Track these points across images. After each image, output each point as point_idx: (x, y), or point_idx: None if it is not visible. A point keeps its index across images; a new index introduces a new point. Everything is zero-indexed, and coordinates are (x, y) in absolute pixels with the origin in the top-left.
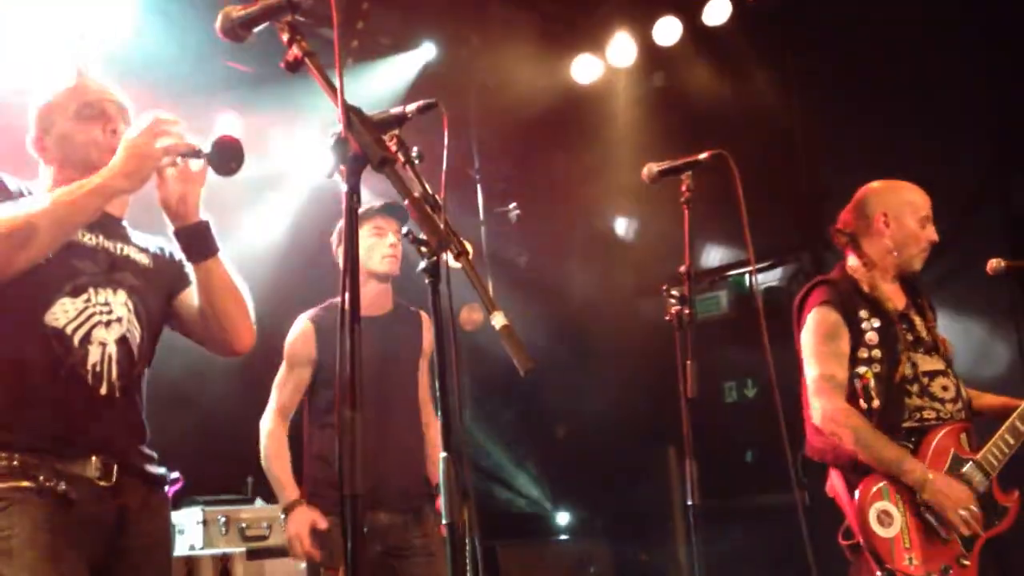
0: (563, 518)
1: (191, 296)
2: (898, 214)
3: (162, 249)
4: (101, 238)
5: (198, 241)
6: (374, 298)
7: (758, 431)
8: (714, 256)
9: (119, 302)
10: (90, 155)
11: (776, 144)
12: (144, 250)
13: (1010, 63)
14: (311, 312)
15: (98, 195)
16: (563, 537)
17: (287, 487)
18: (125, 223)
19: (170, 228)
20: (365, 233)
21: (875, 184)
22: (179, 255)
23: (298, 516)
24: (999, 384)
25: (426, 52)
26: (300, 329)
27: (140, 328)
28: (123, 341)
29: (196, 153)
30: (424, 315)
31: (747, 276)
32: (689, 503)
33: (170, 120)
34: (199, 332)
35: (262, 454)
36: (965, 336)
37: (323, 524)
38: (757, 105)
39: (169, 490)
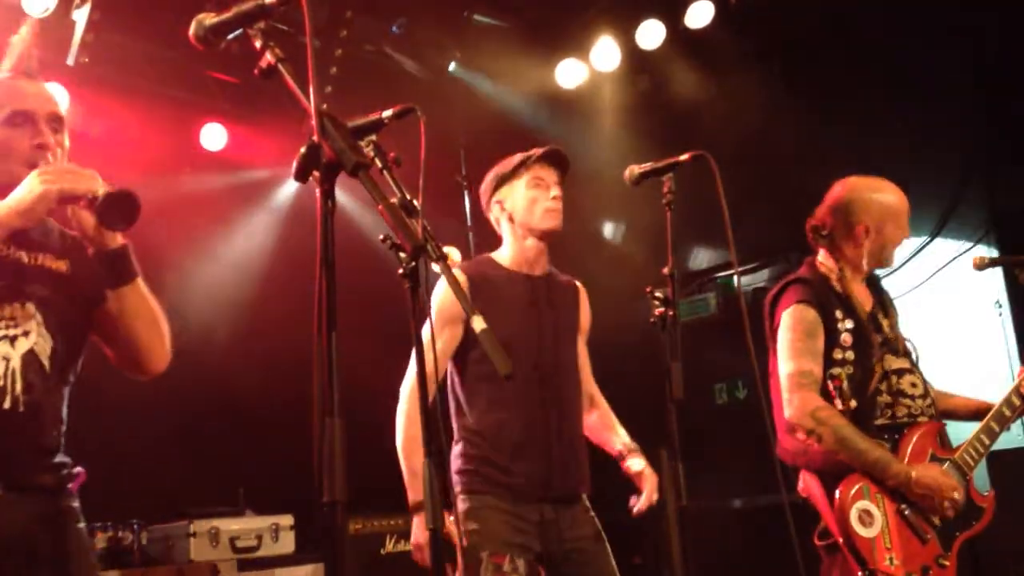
0: None
1: (111, 307)
2: (880, 225)
3: (85, 254)
4: (12, 248)
5: (116, 267)
6: (534, 257)
7: (749, 432)
8: (703, 258)
9: (27, 315)
10: (13, 166)
11: (761, 144)
12: (64, 255)
13: (992, 58)
14: (461, 265)
15: None
16: None
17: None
18: (47, 221)
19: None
20: (522, 184)
21: (855, 184)
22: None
23: (417, 527)
24: (985, 380)
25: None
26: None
27: (51, 340)
28: (30, 355)
29: (90, 203)
30: (581, 286)
31: (734, 278)
32: (676, 505)
33: (79, 170)
34: (114, 348)
35: (399, 435)
36: (951, 332)
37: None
38: (742, 106)
39: (72, 486)
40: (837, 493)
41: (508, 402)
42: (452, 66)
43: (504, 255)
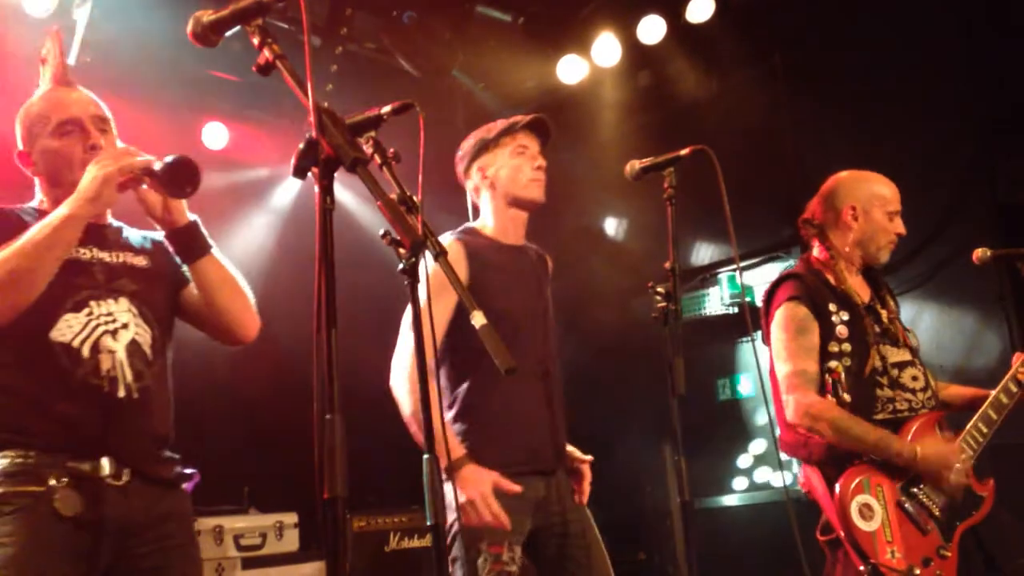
0: None
1: (193, 290)
2: (867, 207)
3: (160, 246)
4: (95, 250)
5: (189, 242)
6: (514, 227)
7: (751, 427)
8: (705, 253)
9: (122, 309)
10: (74, 173)
11: (764, 140)
12: (141, 251)
13: (992, 52)
14: (453, 232)
15: (67, 227)
16: None
17: (452, 441)
18: (117, 224)
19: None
20: (506, 152)
21: (843, 175)
22: None
23: (476, 474)
24: (989, 373)
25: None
26: (449, 247)
27: (149, 329)
28: (133, 345)
29: (151, 172)
30: (548, 257)
31: (736, 273)
32: (679, 500)
33: (131, 150)
34: (205, 324)
35: (408, 405)
36: (955, 326)
37: (513, 486)
38: (744, 101)
39: (187, 486)
40: (837, 487)
41: (497, 377)
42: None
43: (486, 225)
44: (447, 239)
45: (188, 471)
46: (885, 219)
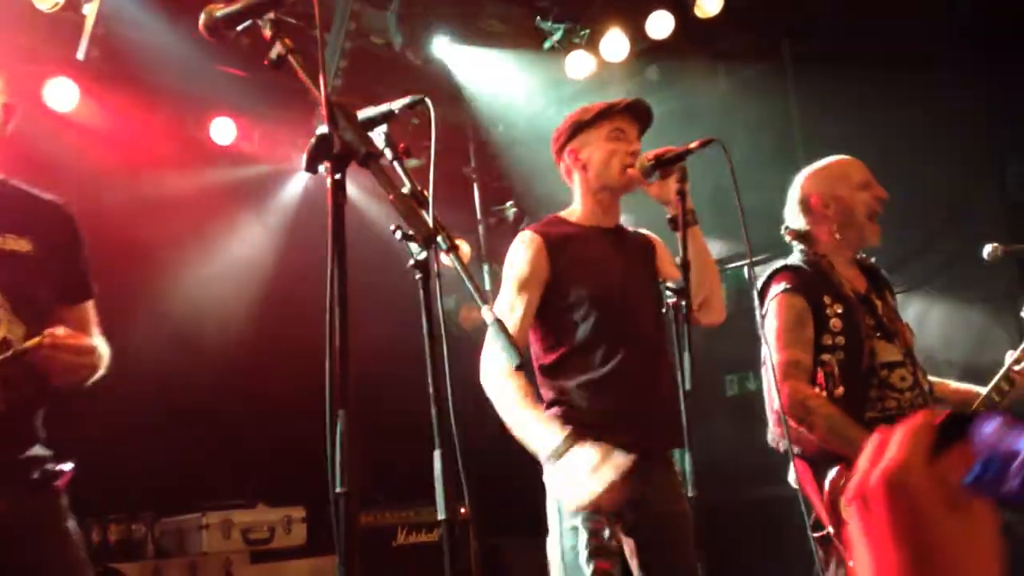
0: None
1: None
2: (832, 190)
3: (51, 224)
4: None
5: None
6: (605, 208)
7: (759, 423)
8: (714, 249)
9: None
10: None
11: (773, 134)
12: (26, 230)
13: (1002, 47)
14: (533, 226)
15: None
16: None
17: (552, 425)
18: (10, 181)
19: None
20: (602, 135)
21: (803, 171)
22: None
23: (584, 453)
24: (999, 370)
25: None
26: (528, 241)
27: (23, 324)
28: (4, 343)
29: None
30: (653, 236)
31: (745, 268)
32: (689, 495)
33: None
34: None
35: (502, 398)
36: (965, 323)
37: (624, 459)
38: (753, 95)
39: (60, 482)
40: (827, 483)
41: (602, 360)
42: (457, 55)
43: (575, 210)
44: (526, 234)
45: (60, 468)
46: (854, 193)
